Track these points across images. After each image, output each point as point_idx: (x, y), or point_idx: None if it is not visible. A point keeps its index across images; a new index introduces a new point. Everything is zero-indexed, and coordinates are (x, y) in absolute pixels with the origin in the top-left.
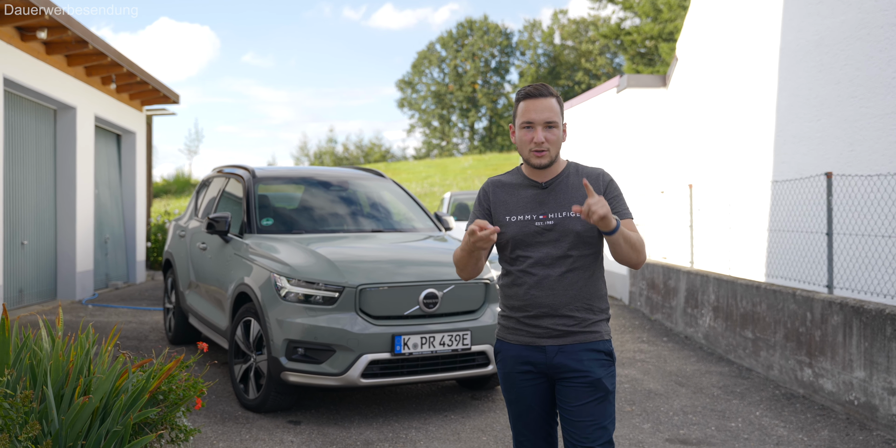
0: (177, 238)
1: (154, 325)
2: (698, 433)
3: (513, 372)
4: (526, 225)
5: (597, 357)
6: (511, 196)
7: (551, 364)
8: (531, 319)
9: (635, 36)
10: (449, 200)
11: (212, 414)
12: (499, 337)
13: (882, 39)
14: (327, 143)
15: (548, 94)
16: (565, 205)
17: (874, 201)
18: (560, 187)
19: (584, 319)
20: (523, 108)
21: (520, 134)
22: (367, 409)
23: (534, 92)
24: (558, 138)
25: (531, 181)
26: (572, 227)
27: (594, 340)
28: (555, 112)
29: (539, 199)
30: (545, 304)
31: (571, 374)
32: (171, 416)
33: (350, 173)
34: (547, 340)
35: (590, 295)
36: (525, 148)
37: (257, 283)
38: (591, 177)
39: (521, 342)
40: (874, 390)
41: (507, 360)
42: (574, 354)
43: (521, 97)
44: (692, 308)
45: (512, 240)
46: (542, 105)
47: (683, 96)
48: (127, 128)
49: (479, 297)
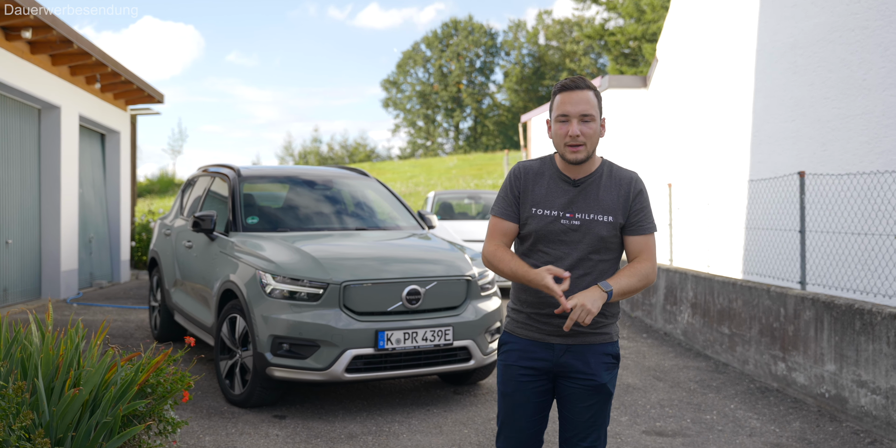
0: (162, 236)
1: (139, 323)
2: (674, 425)
3: (515, 366)
4: (551, 221)
5: (604, 360)
6: (541, 187)
7: (558, 362)
8: (543, 317)
9: (619, 36)
10: (433, 200)
11: (198, 409)
12: (507, 330)
13: (853, 42)
14: (312, 143)
15: (585, 86)
16: (594, 207)
17: (845, 200)
18: (591, 187)
19: (596, 322)
20: (559, 101)
21: (555, 127)
22: (351, 403)
23: (570, 84)
24: (595, 132)
25: (563, 176)
26: (598, 230)
27: (603, 342)
28: (591, 105)
29: (569, 195)
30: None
31: (576, 374)
32: (159, 409)
33: (334, 172)
34: (556, 338)
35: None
36: (560, 142)
37: (243, 281)
38: (623, 180)
39: (529, 337)
40: (844, 383)
41: (512, 353)
42: (581, 355)
43: (557, 90)
44: (671, 305)
45: (534, 233)
46: (578, 97)
47: (664, 97)
48: (111, 127)
49: (460, 293)
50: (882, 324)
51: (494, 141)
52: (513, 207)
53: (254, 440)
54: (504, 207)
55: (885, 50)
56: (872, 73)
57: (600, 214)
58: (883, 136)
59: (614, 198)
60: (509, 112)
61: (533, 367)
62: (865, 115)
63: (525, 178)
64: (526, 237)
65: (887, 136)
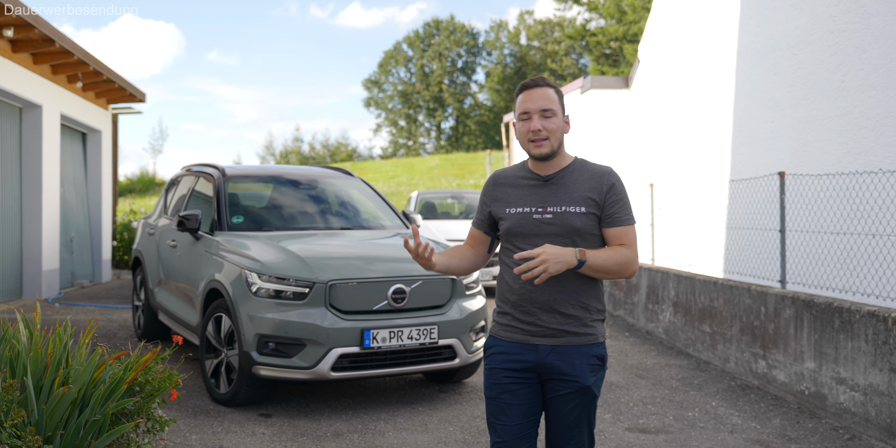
0: (146, 236)
1: (122, 322)
2: (657, 422)
3: (500, 368)
4: (524, 217)
5: (590, 362)
6: (512, 188)
7: (542, 363)
8: (525, 315)
9: (600, 37)
10: (416, 199)
11: (184, 408)
12: (492, 333)
13: (832, 44)
14: (293, 143)
15: (544, 84)
16: (566, 200)
17: (825, 200)
18: (563, 181)
19: (579, 318)
20: (520, 100)
21: (519, 126)
22: (337, 401)
23: (530, 83)
24: (558, 127)
25: (534, 174)
26: (571, 222)
27: (588, 343)
28: (551, 100)
29: (540, 191)
30: (539, 299)
31: (561, 376)
32: (147, 407)
33: (319, 172)
34: (540, 339)
35: (587, 293)
36: (524, 139)
37: (228, 280)
38: (595, 174)
39: (513, 340)
40: (823, 380)
41: (497, 356)
42: (566, 357)
43: (518, 91)
44: (653, 304)
45: (510, 231)
46: (537, 94)
47: (645, 98)
48: (93, 126)
49: (445, 292)
50: (861, 322)
51: (476, 141)
52: (481, 216)
53: (240, 438)
54: (476, 216)
55: (864, 52)
56: (851, 74)
57: (572, 206)
58: (861, 137)
59: (587, 190)
60: (491, 112)
61: (517, 369)
62: (844, 116)
63: (495, 186)
64: (505, 236)
65: (866, 136)
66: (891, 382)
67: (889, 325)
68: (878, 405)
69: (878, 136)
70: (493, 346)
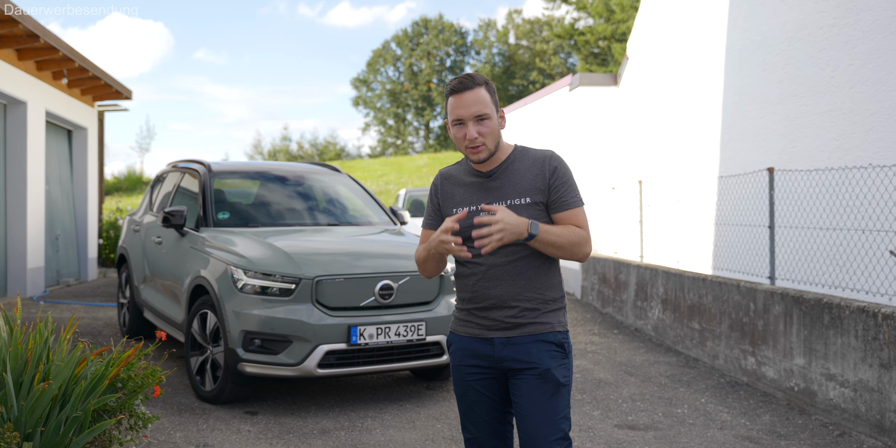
0: (131, 233)
1: (107, 320)
2: (646, 419)
3: (461, 365)
4: (470, 216)
5: (547, 348)
6: (457, 187)
7: (499, 357)
8: (481, 311)
9: (588, 36)
10: (404, 197)
11: (169, 405)
12: (451, 329)
13: (821, 40)
14: (281, 142)
15: (473, 85)
16: (509, 192)
17: (814, 195)
18: (504, 175)
19: (535, 310)
20: (451, 105)
21: (453, 131)
22: (324, 399)
23: (458, 86)
24: (493, 130)
25: (476, 171)
26: (516, 214)
27: (544, 332)
28: (484, 103)
29: (484, 188)
30: (493, 295)
31: (520, 366)
32: (129, 404)
33: (306, 168)
34: (495, 333)
35: (541, 284)
36: (461, 145)
37: (214, 276)
38: (537, 160)
39: (470, 334)
40: (813, 376)
41: (457, 352)
42: (522, 346)
43: (447, 93)
44: (642, 301)
45: (459, 232)
46: (468, 99)
47: (634, 95)
48: (78, 123)
49: (433, 288)
50: (850, 318)
51: None
52: (436, 214)
53: (225, 436)
54: (429, 217)
55: (853, 47)
56: (840, 70)
57: (517, 198)
58: (850, 132)
59: (529, 179)
60: None
61: (478, 364)
62: (833, 112)
63: (442, 184)
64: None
65: (854, 132)
66: (881, 378)
67: (879, 320)
68: (867, 401)
69: (868, 131)
70: (453, 343)
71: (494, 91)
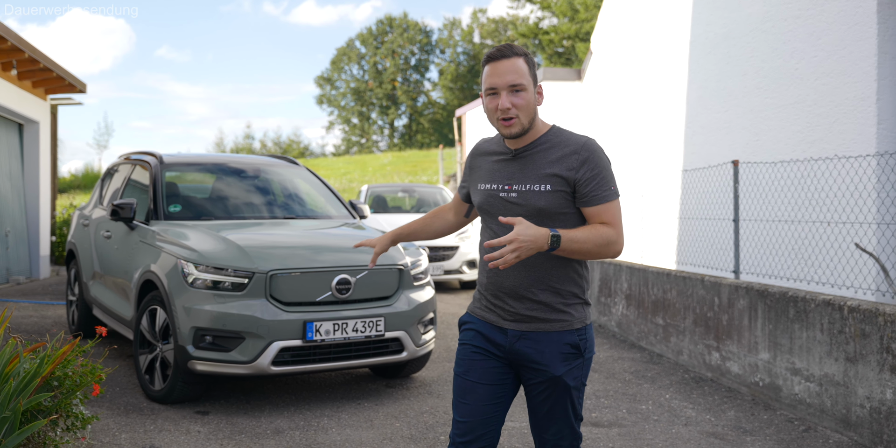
0: (80, 227)
1: (57, 319)
2: (610, 416)
3: (469, 344)
4: (490, 195)
5: (560, 350)
6: (485, 161)
7: (511, 349)
8: (494, 298)
9: (553, 35)
10: (366, 193)
11: (115, 406)
12: (469, 310)
13: (785, 31)
14: (244, 140)
15: (512, 54)
16: (531, 177)
17: (778, 188)
18: (531, 156)
19: (548, 304)
20: (487, 73)
21: (486, 102)
22: (279, 398)
23: (496, 54)
24: (528, 103)
25: (505, 148)
26: (535, 202)
27: (560, 330)
28: (521, 74)
29: (508, 168)
30: (505, 285)
31: (531, 365)
32: (66, 403)
33: (262, 160)
34: (510, 323)
35: (558, 277)
36: (492, 116)
37: (163, 270)
38: (569, 147)
39: (486, 320)
40: (778, 371)
41: (469, 332)
42: (536, 344)
43: (484, 61)
44: (606, 297)
45: (479, 208)
46: (505, 67)
47: (598, 89)
48: (29, 117)
49: (392, 283)
50: (816, 311)
51: (429, 139)
52: (464, 183)
53: (173, 437)
54: (461, 184)
55: (817, 39)
56: (804, 62)
57: (537, 184)
58: (815, 124)
59: (553, 166)
60: (444, 110)
61: (488, 349)
62: (798, 104)
63: (475, 155)
64: (479, 214)
65: (819, 124)
66: (846, 372)
67: (845, 313)
68: (833, 395)
69: (832, 123)
70: (467, 323)
71: (534, 65)
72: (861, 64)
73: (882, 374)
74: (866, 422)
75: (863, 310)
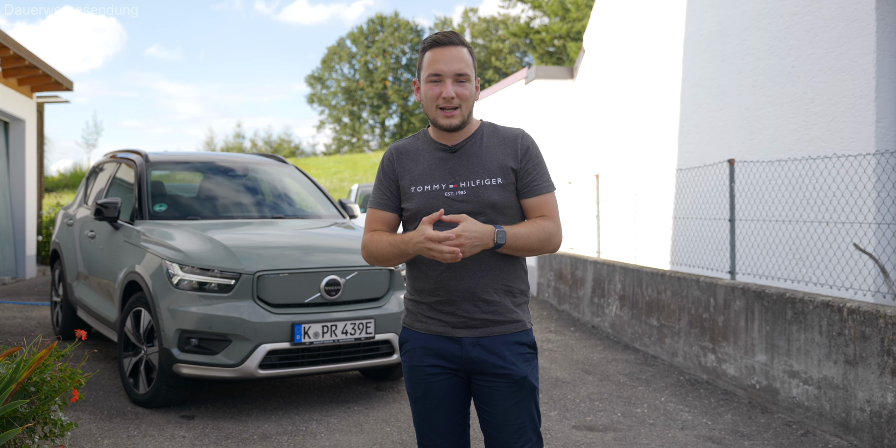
0: (64, 227)
1: (41, 320)
2: (604, 419)
3: (420, 365)
4: (434, 196)
5: (520, 351)
6: (416, 163)
7: (469, 358)
8: (443, 305)
9: (544, 35)
10: (357, 192)
11: (98, 410)
12: (405, 325)
13: (782, 29)
14: (235, 139)
15: (459, 42)
16: (479, 171)
17: (774, 188)
18: (473, 150)
19: (503, 304)
20: (430, 59)
21: (426, 89)
22: (266, 401)
23: (442, 39)
24: (471, 94)
25: (439, 144)
26: (488, 197)
27: (516, 331)
28: (466, 63)
29: (448, 165)
30: (459, 287)
31: (492, 370)
32: (44, 410)
33: (250, 159)
34: (462, 331)
35: (510, 275)
36: (432, 105)
37: (148, 271)
38: (507, 138)
39: (431, 332)
40: (775, 373)
41: (415, 351)
42: (494, 348)
43: (426, 46)
44: (599, 298)
45: (419, 213)
46: (451, 54)
47: (591, 88)
48: (15, 115)
49: (383, 284)
50: (814, 313)
51: None
52: (391, 194)
53: (158, 442)
54: (378, 197)
55: (814, 36)
56: (801, 59)
57: (486, 178)
58: (812, 123)
59: (500, 158)
60: None
61: (440, 365)
62: (794, 102)
63: (398, 159)
64: (411, 219)
65: (816, 123)
66: (846, 375)
67: (844, 315)
68: (832, 399)
69: (830, 121)
70: (409, 340)
71: (476, 58)
72: (859, 61)
73: (883, 378)
74: (866, 426)
75: (863, 311)
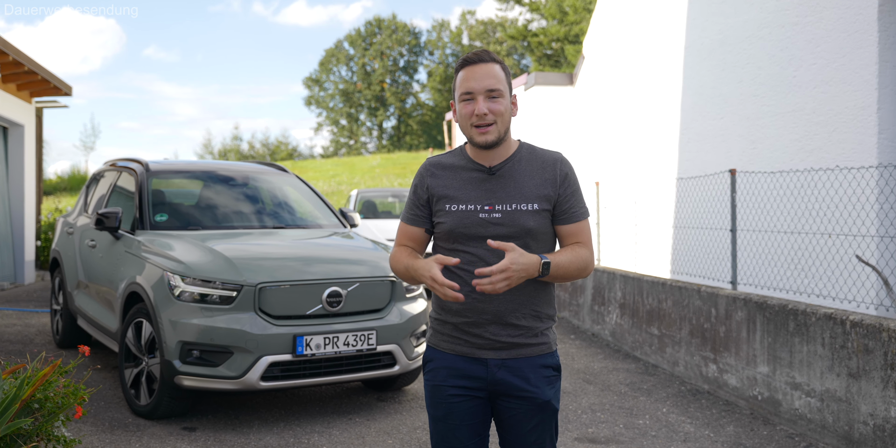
0: (65, 235)
1: (41, 327)
2: (607, 431)
3: (444, 385)
4: (468, 216)
5: (545, 374)
6: (453, 181)
7: (494, 379)
8: (470, 327)
9: (542, 37)
10: (356, 198)
11: (99, 422)
12: (430, 344)
13: (783, 38)
14: (232, 141)
15: (489, 59)
16: (516, 196)
17: (775, 198)
18: (511, 173)
19: (531, 328)
20: (462, 78)
21: (460, 108)
22: (268, 413)
23: (473, 58)
24: (506, 110)
25: (476, 164)
26: (523, 222)
27: (542, 354)
28: (498, 79)
29: (486, 186)
30: (488, 310)
31: (517, 393)
32: (47, 427)
33: (251, 168)
34: (488, 352)
35: (539, 300)
36: (466, 123)
37: (149, 282)
38: (546, 163)
39: (457, 352)
40: (777, 385)
41: (440, 371)
42: (520, 371)
43: (459, 66)
44: (599, 305)
45: (451, 232)
46: (483, 72)
47: (590, 94)
48: (14, 120)
49: (384, 295)
50: (817, 324)
51: (418, 140)
52: (421, 210)
53: None
54: (411, 211)
55: (816, 46)
56: (803, 69)
57: (523, 203)
58: (813, 133)
59: (538, 183)
60: (433, 112)
61: (465, 386)
62: (795, 112)
63: (434, 174)
64: (444, 238)
65: (818, 133)
66: (849, 388)
67: (847, 328)
68: (835, 411)
69: (831, 132)
70: (434, 360)
71: (510, 74)
72: (861, 72)
73: (886, 391)
74: (869, 439)
75: (866, 325)
